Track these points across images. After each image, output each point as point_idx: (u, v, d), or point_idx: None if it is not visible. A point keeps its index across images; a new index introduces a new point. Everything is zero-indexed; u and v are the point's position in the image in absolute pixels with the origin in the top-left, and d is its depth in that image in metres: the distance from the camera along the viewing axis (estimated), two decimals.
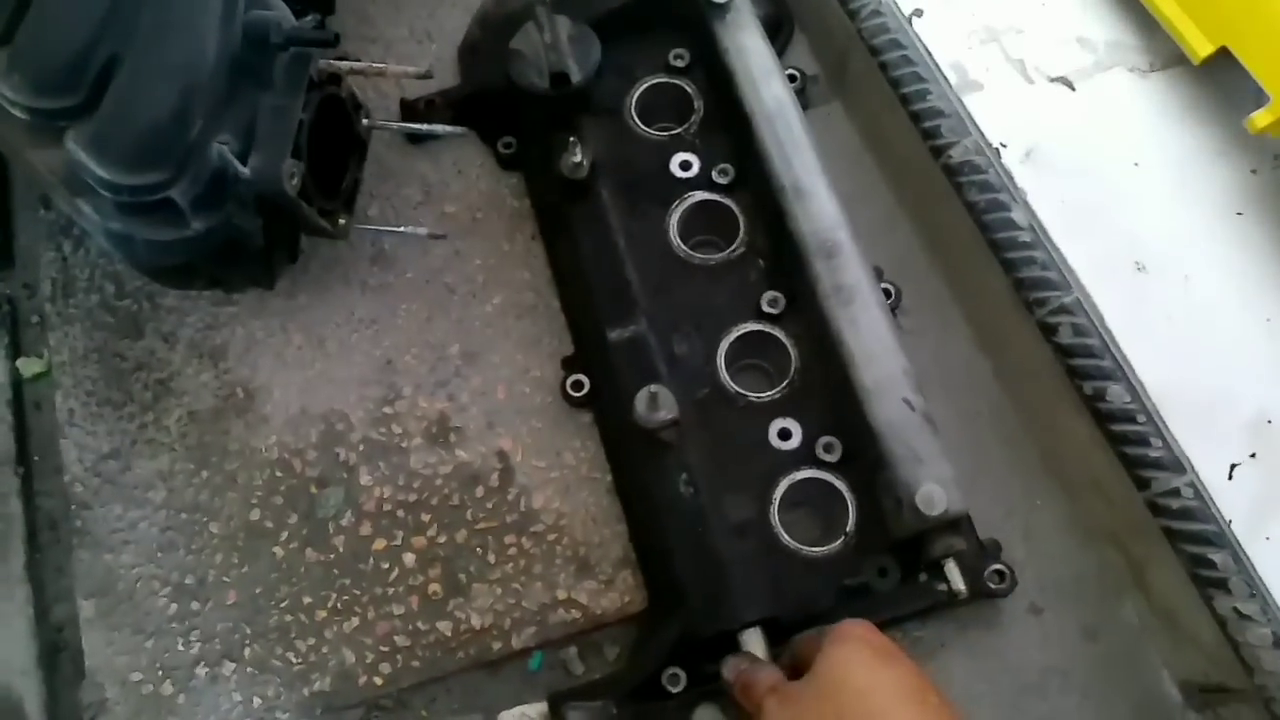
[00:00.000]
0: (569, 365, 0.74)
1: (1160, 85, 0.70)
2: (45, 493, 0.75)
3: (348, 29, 0.86)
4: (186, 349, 0.77)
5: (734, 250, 0.74)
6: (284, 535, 0.71)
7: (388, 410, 0.74)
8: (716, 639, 0.61)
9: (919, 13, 0.73)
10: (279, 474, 0.73)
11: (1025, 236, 0.66)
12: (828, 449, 0.67)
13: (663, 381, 0.66)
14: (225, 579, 0.70)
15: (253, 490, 0.73)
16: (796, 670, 0.54)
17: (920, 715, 0.48)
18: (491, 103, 0.80)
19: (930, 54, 0.72)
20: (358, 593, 0.69)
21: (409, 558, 0.70)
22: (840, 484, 0.66)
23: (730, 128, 0.76)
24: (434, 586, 0.69)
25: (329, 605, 0.69)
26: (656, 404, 0.63)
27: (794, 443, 0.68)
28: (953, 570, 0.63)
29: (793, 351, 0.70)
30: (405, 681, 0.67)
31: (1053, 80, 0.71)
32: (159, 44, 0.60)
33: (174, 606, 0.70)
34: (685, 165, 0.76)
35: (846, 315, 0.66)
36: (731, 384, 0.70)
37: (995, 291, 0.70)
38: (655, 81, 0.79)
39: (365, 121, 0.72)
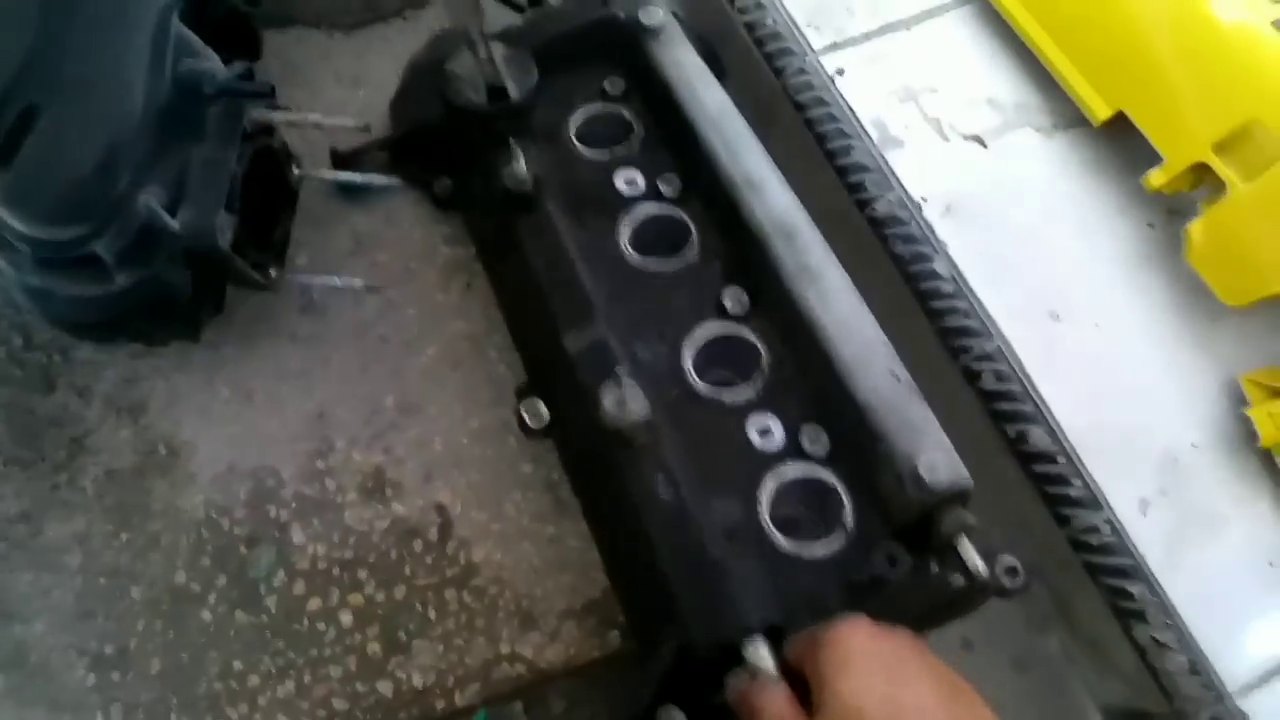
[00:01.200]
0: (521, 394, 0.71)
1: (1063, 144, 0.75)
2: None
3: (273, 73, 0.85)
4: (103, 404, 0.74)
5: (688, 255, 0.73)
6: (212, 598, 0.68)
7: (320, 465, 0.72)
8: (719, 659, 0.55)
9: (841, 71, 0.77)
10: (206, 534, 0.70)
11: (948, 287, 0.69)
12: (812, 440, 0.64)
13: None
14: (149, 646, 0.67)
15: (178, 552, 0.69)
16: (796, 680, 0.49)
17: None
18: (425, 143, 0.79)
19: (853, 111, 0.75)
20: (293, 655, 0.67)
21: (346, 617, 0.68)
22: (830, 476, 0.63)
23: (672, 140, 0.77)
24: (373, 646, 0.68)
25: (261, 670, 0.67)
26: (625, 398, 0.60)
27: (775, 440, 0.65)
28: (968, 549, 0.56)
29: (761, 346, 0.68)
30: None
31: (967, 138, 0.75)
32: (83, 95, 0.59)
33: (93, 678, 0.66)
34: (630, 182, 0.76)
35: (816, 293, 0.64)
36: (702, 385, 0.67)
37: (919, 339, 0.73)
38: (593, 109, 0.80)
39: (297, 171, 0.71)
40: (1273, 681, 0.62)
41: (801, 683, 0.49)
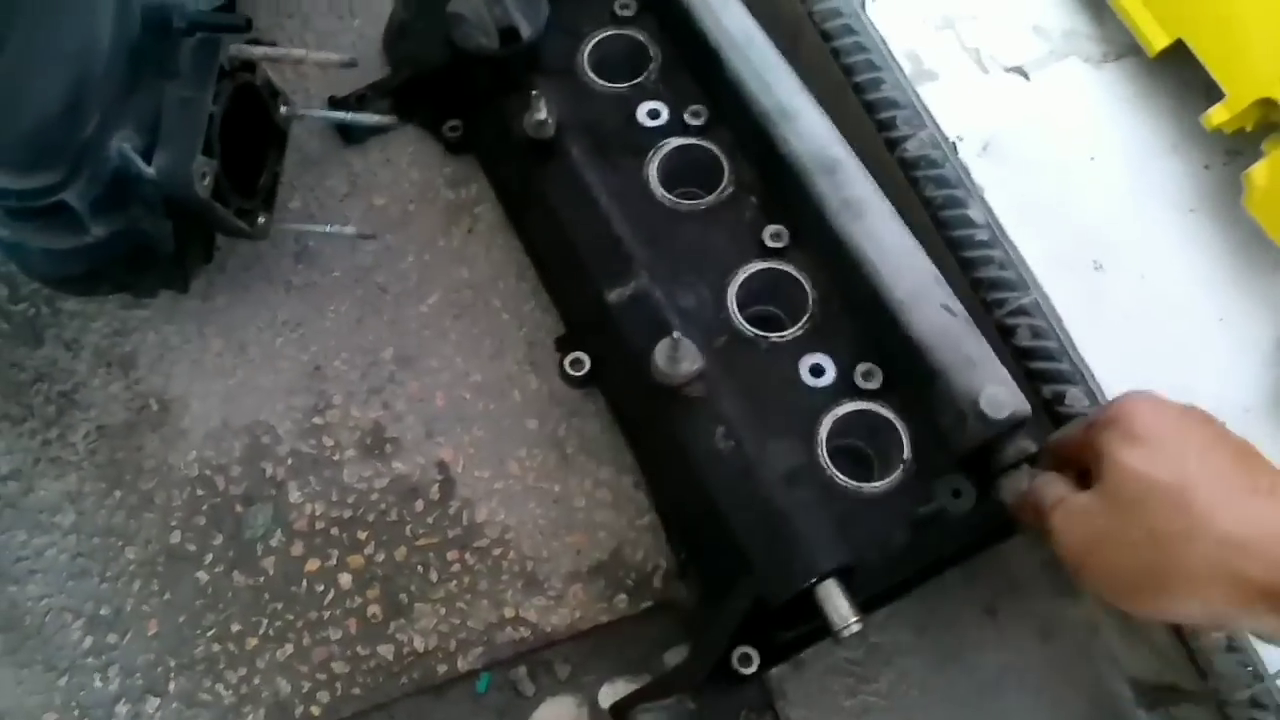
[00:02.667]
0: (564, 345, 0.69)
1: (1115, 76, 0.69)
2: None
3: (261, 3, 0.80)
4: (92, 357, 0.71)
5: (723, 191, 0.69)
6: (208, 559, 0.66)
7: (317, 420, 0.70)
8: (790, 603, 0.56)
9: None
10: (200, 492, 0.68)
11: (983, 234, 0.64)
12: (866, 376, 0.62)
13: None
14: (145, 608, 0.65)
15: (172, 511, 0.67)
16: (1074, 470, 0.48)
17: (1264, 504, 0.41)
18: (431, 86, 0.74)
19: (884, 42, 0.69)
20: (291, 618, 0.65)
21: (345, 578, 0.66)
22: (887, 411, 0.61)
23: (695, 68, 0.72)
24: (373, 608, 0.66)
25: (260, 632, 0.65)
26: (678, 355, 0.58)
27: (829, 378, 0.63)
28: (1027, 475, 0.56)
29: (807, 284, 0.65)
30: (345, 711, 0.63)
31: (1008, 70, 0.69)
32: (44, 28, 0.54)
33: (89, 640, 0.65)
34: (653, 114, 0.71)
35: (863, 229, 0.61)
36: (750, 328, 0.65)
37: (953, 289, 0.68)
38: (606, 34, 0.74)
39: (284, 110, 0.66)
40: None
41: (1075, 474, 0.49)
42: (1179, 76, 0.67)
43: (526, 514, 0.68)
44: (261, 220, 0.65)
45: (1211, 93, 0.64)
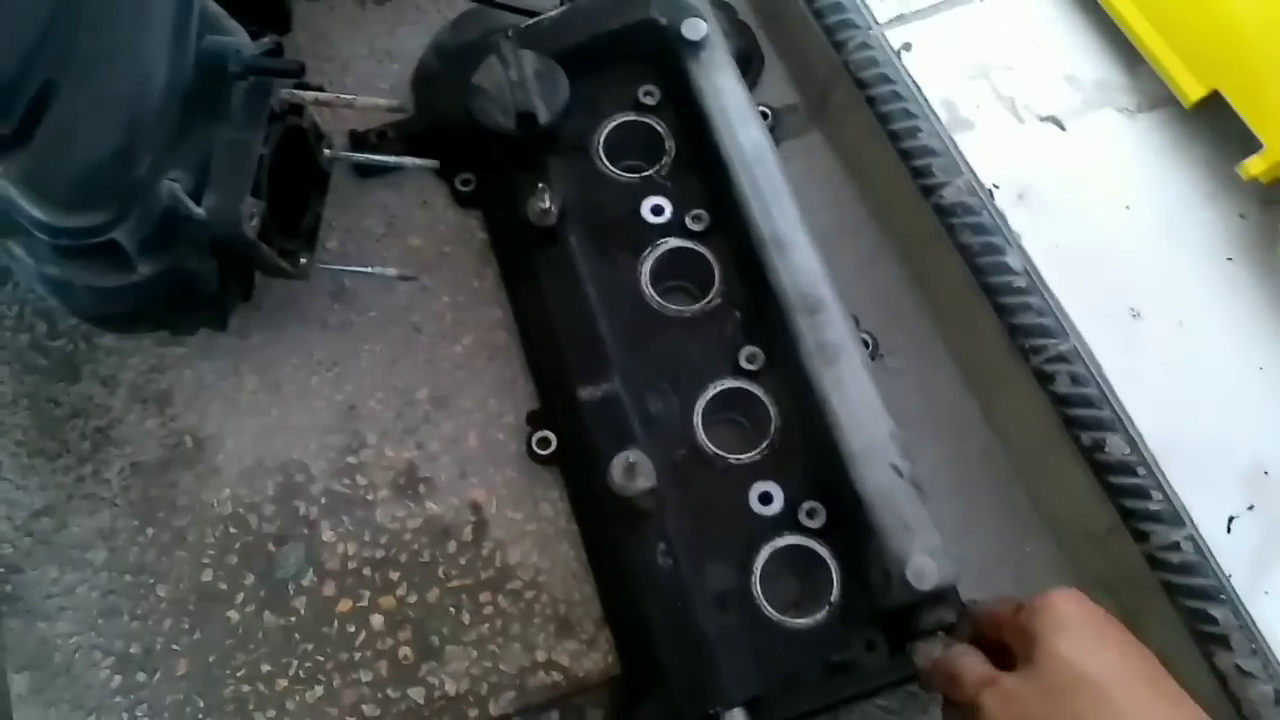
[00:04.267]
0: (534, 421, 0.70)
1: (1149, 126, 0.69)
2: None
3: (303, 46, 0.81)
4: (128, 394, 0.71)
5: (710, 301, 0.70)
6: (239, 598, 0.66)
7: (351, 460, 0.70)
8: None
9: (908, 46, 0.71)
10: (233, 531, 0.68)
11: (1020, 281, 0.64)
12: (811, 515, 0.64)
13: (638, 442, 0.63)
14: (175, 647, 0.65)
15: (204, 549, 0.67)
16: (988, 649, 0.51)
17: (1168, 711, 0.44)
18: (449, 137, 0.75)
19: (920, 89, 0.70)
20: (321, 659, 0.65)
21: (377, 619, 0.66)
22: (824, 551, 0.63)
23: (704, 171, 0.72)
24: (404, 650, 0.65)
25: (290, 673, 0.64)
26: (634, 472, 0.59)
27: (775, 507, 0.64)
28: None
29: (772, 410, 0.67)
30: None
31: (1043, 119, 0.70)
32: (100, 72, 0.55)
33: (118, 679, 0.64)
34: (657, 210, 0.72)
35: (831, 375, 0.63)
36: (710, 445, 0.66)
37: (986, 334, 0.68)
38: (624, 120, 0.75)
39: (327, 152, 0.67)
40: None
41: (991, 652, 0.51)
42: (1214, 126, 0.68)
43: (559, 557, 0.68)
44: (303, 261, 0.65)
45: (1248, 142, 0.64)
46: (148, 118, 0.54)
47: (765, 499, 0.65)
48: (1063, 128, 0.69)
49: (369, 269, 0.68)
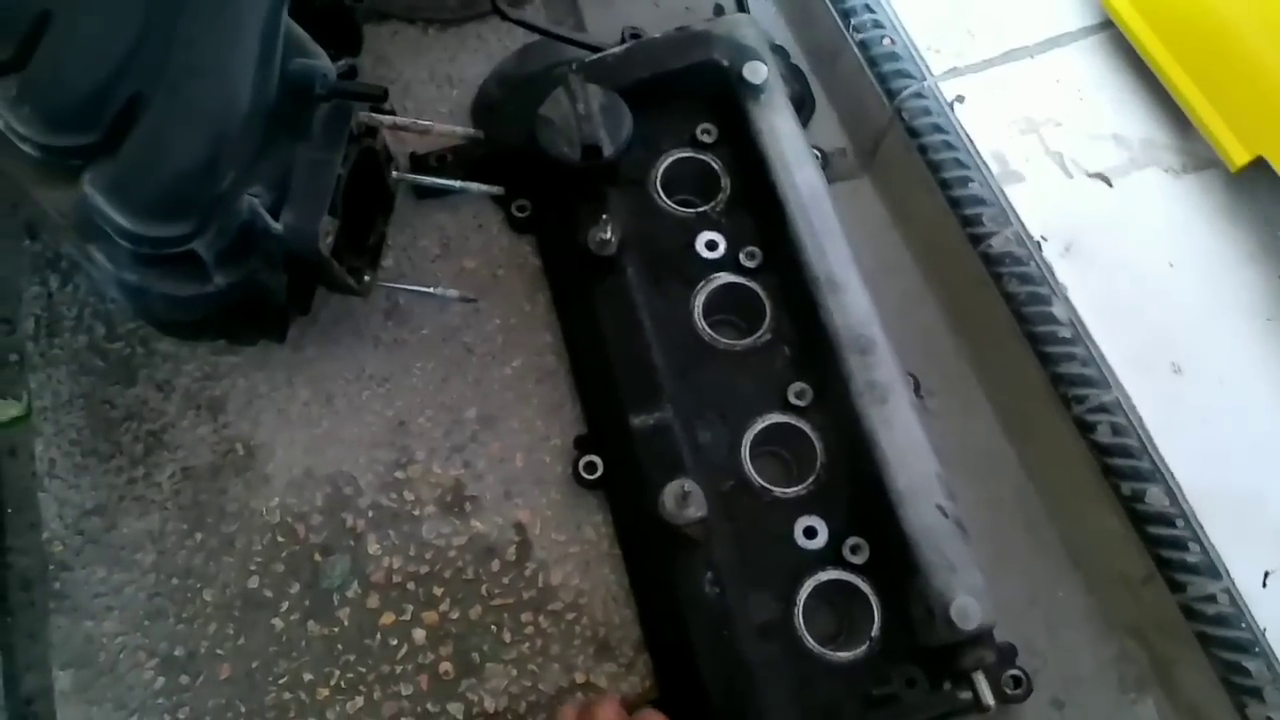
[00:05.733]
0: (582, 445, 0.71)
1: (1194, 187, 0.71)
2: (19, 550, 0.69)
3: (365, 69, 0.83)
4: (182, 399, 0.72)
5: (760, 336, 0.71)
6: (284, 606, 0.67)
7: (399, 475, 0.71)
8: None
9: (960, 99, 0.73)
10: (280, 539, 0.69)
11: (1065, 332, 0.66)
12: (855, 550, 0.65)
13: (687, 472, 0.64)
14: (219, 651, 0.66)
15: (251, 556, 0.68)
16: None
17: None
18: (509, 164, 0.77)
19: (971, 141, 0.72)
20: (363, 670, 0.65)
21: (419, 634, 0.67)
22: (866, 587, 0.64)
23: (758, 210, 0.74)
24: (445, 665, 0.66)
25: (332, 683, 0.65)
26: (687, 502, 0.60)
27: (819, 541, 0.65)
28: (982, 684, 0.61)
29: (819, 446, 0.68)
30: None
31: (1091, 175, 0.71)
32: (190, 87, 0.57)
33: (161, 680, 0.65)
34: (711, 245, 0.73)
35: (880, 415, 0.64)
36: (757, 478, 0.67)
37: (1026, 381, 0.69)
38: (682, 155, 0.77)
39: (395, 174, 0.69)
40: None
41: None
42: (1258, 190, 0.70)
43: (600, 580, 0.68)
44: (367, 278, 0.67)
45: None
46: (233, 134, 0.56)
47: (810, 533, 0.66)
48: (1110, 184, 0.71)
49: (430, 289, 0.70)
